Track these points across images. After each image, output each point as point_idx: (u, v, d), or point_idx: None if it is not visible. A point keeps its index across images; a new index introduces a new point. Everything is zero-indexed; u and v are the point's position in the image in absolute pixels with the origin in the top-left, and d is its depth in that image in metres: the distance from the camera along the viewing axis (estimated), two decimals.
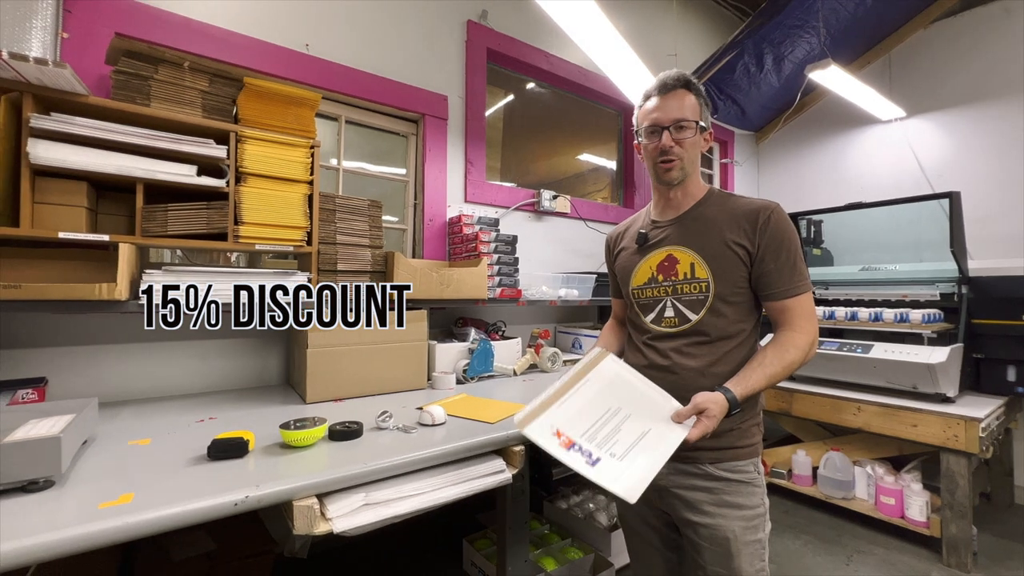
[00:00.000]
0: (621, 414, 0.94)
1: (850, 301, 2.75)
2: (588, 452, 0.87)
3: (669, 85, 1.00)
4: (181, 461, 0.94)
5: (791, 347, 0.95)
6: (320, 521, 0.85)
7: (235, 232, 1.39)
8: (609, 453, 0.87)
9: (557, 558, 1.66)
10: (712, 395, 0.90)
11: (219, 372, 1.66)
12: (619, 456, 0.87)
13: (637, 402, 0.96)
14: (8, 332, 1.36)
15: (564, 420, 0.92)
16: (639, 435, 0.91)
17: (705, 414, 0.88)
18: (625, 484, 0.83)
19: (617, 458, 0.87)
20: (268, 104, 1.49)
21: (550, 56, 2.66)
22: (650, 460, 0.86)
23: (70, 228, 1.20)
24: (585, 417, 0.93)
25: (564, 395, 0.96)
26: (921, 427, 2.08)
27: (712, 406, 0.88)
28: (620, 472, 0.85)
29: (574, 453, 0.87)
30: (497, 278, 2.01)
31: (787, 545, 2.22)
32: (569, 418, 0.93)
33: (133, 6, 1.53)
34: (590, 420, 0.93)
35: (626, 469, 0.85)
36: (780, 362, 0.94)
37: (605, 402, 0.96)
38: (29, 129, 1.13)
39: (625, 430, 0.92)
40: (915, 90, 3.21)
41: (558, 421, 0.92)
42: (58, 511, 0.73)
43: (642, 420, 0.93)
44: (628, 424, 0.93)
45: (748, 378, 0.93)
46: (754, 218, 0.97)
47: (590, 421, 0.93)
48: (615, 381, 1.00)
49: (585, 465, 0.85)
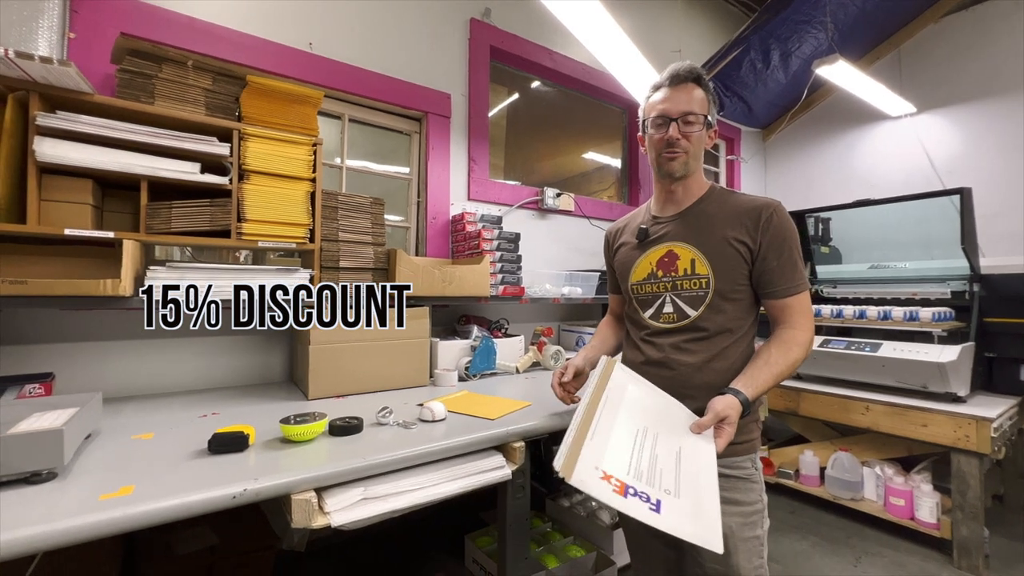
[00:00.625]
0: (650, 434, 0.89)
1: (858, 299, 2.71)
2: (645, 495, 0.78)
3: (680, 77, 0.99)
4: (182, 455, 0.95)
5: (794, 345, 0.95)
6: (318, 515, 0.85)
7: (238, 229, 1.40)
8: (664, 491, 0.79)
9: (559, 555, 1.66)
10: (728, 400, 0.88)
11: (223, 369, 1.67)
12: (674, 493, 0.79)
13: (657, 415, 0.93)
14: (16, 328, 1.38)
15: (603, 457, 0.82)
16: (676, 458, 0.85)
17: (726, 421, 0.87)
18: (702, 532, 0.75)
19: (673, 495, 0.79)
20: (271, 102, 1.50)
21: (554, 53, 2.66)
22: (708, 493, 0.80)
23: (76, 225, 1.22)
24: (621, 448, 0.85)
25: (591, 424, 0.87)
26: (931, 427, 2.05)
27: (732, 412, 0.87)
28: (685, 513, 0.77)
29: (632, 500, 0.77)
30: (500, 276, 2.00)
31: (793, 546, 2.20)
32: (607, 453, 0.83)
33: (138, 6, 1.55)
34: (627, 450, 0.85)
35: (690, 508, 0.77)
36: (785, 360, 0.93)
37: (631, 423, 0.90)
38: (35, 127, 1.15)
39: (662, 455, 0.85)
40: (926, 85, 3.16)
41: (599, 460, 0.81)
42: (60, 502, 0.74)
43: (669, 437, 0.88)
44: (660, 447, 0.87)
45: (756, 378, 0.91)
46: (756, 216, 0.97)
47: (627, 451, 0.85)
48: (631, 394, 0.97)
49: (649, 512, 0.75)
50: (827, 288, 2.90)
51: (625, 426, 0.88)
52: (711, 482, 0.82)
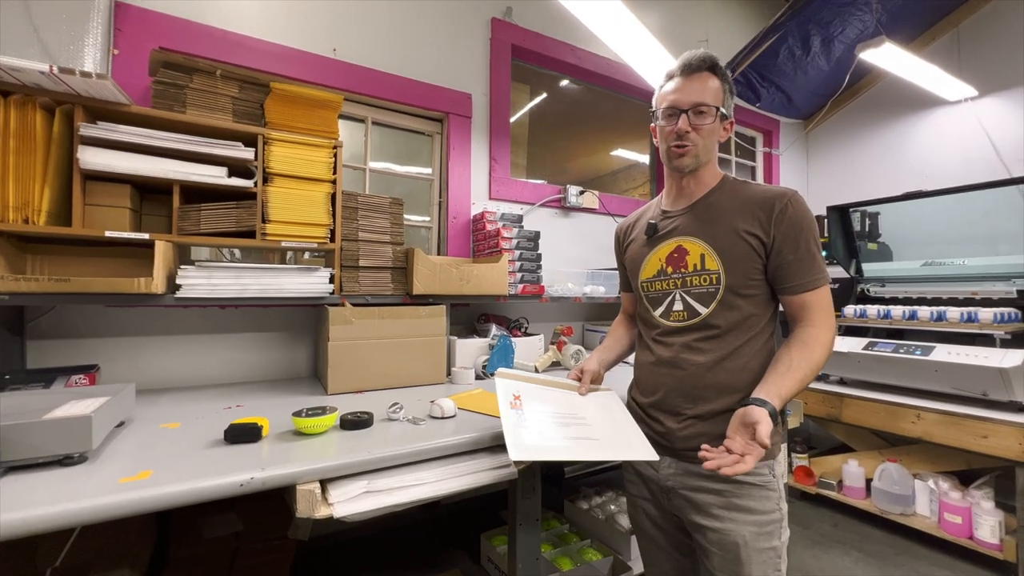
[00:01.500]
0: (583, 422, 0.99)
1: (909, 299, 2.52)
2: (525, 419, 0.95)
3: (693, 66, 0.95)
4: (202, 443, 1.00)
5: (816, 345, 0.88)
6: (321, 505, 0.87)
7: (262, 230, 1.46)
8: (538, 431, 0.93)
9: (574, 558, 1.62)
10: (756, 411, 0.79)
11: (252, 364, 1.75)
12: (544, 435, 0.92)
13: (608, 427, 0.99)
14: (67, 323, 1.49)
15: (531, 395, 1.03)
16: (582, 436, 0.94)
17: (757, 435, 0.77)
18: (520, 447, 0.87)
19: (539, 434, 0.92)
20: (293, 107, 1.55)
21: (577, 50, 2.62)
22: (565, 449, 0.91)
23: (116, 227, 1.31)
24: (552, 406, 1.02)
25: (550, 385, 1.09)
26: (992, 438, 1.87)
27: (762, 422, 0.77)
28: (526, 440, 0.89)
29: (513, 412, 0.95)
30: (519, 274, 1.99)
31: (835, 561, 2.07)
32: (538, 396, 1.03)
33: (174, 21, 1.65)
34: (554, 409, 1.01)
35: (535, 442, 0.89)
36: (808, 364, 0.86)
37: (585, 411, 1.04)
38: (79, 137, 1.24)
39: (574, 428, 0.97)
40: (988, 66, 2.89)
41: (525, 392, 1.03)
42: (85, 483, 0.79)
43: (595, 431, 0.97)
44: (580, 428, 0.97)
45: (779, 385, 0.84)
46: (769, 207, 0.91)
47: (553, 409, 1.01)
48: (604, 404, 1.08)
49: (513, 425, 0.91)
50: (874, 287, 2.71)
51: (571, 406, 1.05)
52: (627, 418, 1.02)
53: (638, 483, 1.07)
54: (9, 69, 1.10)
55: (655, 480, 1.01)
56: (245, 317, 1.75)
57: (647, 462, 1.01)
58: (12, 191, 1.18)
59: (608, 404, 1.09)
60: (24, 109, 1.20)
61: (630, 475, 1.10)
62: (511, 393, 1.02)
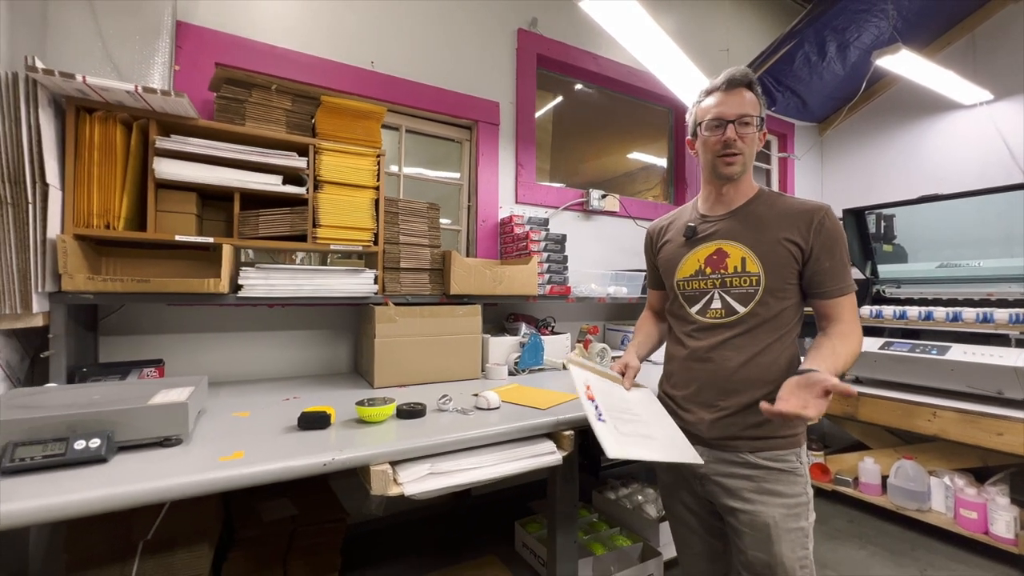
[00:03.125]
0: (640, 419, 1.06)
1: (925, 300, 2.57)
2: (600, 412, 1.01)
3: (735, 82, 1.03)
4: (277, 429, 1.10)
5: (854, 337, 0.97)
6: (392, 485, 0.97)
7: (313, 234, 1.57)
8: (615, 426, 0.99)
9: (606, 544, 1.71)
10: (817, 373, 0.85)
11: (298, 360, 1.86)
12: (621, 432, 0.98)
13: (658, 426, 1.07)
14: (133, 321, 1.61)
15: (598, 387, 1.09)
16: (645, 435, 1.01)
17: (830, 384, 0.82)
18: (613, 446, 0.92)
19: (619, 431, 0.98)
20: (341, 119, 1.66)
21: (598, 58, 2.71)
22: (644, 447, 0.96)
23: (184, 232, 1.42)
24: (611, 398, 1.08)
25: (605, 377, 1.16)
26: (1008, 436, 1.92)
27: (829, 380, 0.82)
28: (615, 437, 0.95)
29: (590, 404, 1.01)
30: (547, 276, 2.08)
31: (851, 555, 2.13)
32: (603, 390, 1.09)
33: (228, 39, 1.76)
34: (617, 403, 1.07)
35: (621, 438, 0.96)
36: (848, 352, 0.95)
37: (635, 407, 1.10)
38: (155, 149, 1.35)
39: (635, 424, 1.03)
40: (1004, 70, 2.93)
41: (594, 383, 1.09)
42: (188, 461, 0.89)
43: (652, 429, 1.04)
44: (639, 425, 1.04)
45: (829, 363, 0.90)
46: (808, 218, 1.00)
47: (613, 402, 1.07)
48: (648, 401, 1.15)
49: (594, 416, 0.98)
50: (890, 288, 2.76)
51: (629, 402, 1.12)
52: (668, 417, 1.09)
53: (671, 471, 1.16)
54: (99, 89, 1.21)
55: (688, 468, 1.09)
56: (291, 315, 1.86)
57: None
58: (96, 199, 1.30)
59: (649, 402, 1.16)
60: (106, 124, 1.31)
61: (662, 464, 1.18)
62: (583, 383, 1.08)
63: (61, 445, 0.84)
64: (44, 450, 0.83)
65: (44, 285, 1.19)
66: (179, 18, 1.65)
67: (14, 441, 0.82)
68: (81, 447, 0.84)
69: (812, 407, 0.82)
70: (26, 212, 1.15)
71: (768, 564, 0.96)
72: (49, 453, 0.82)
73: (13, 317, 1.14)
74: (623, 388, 1.16)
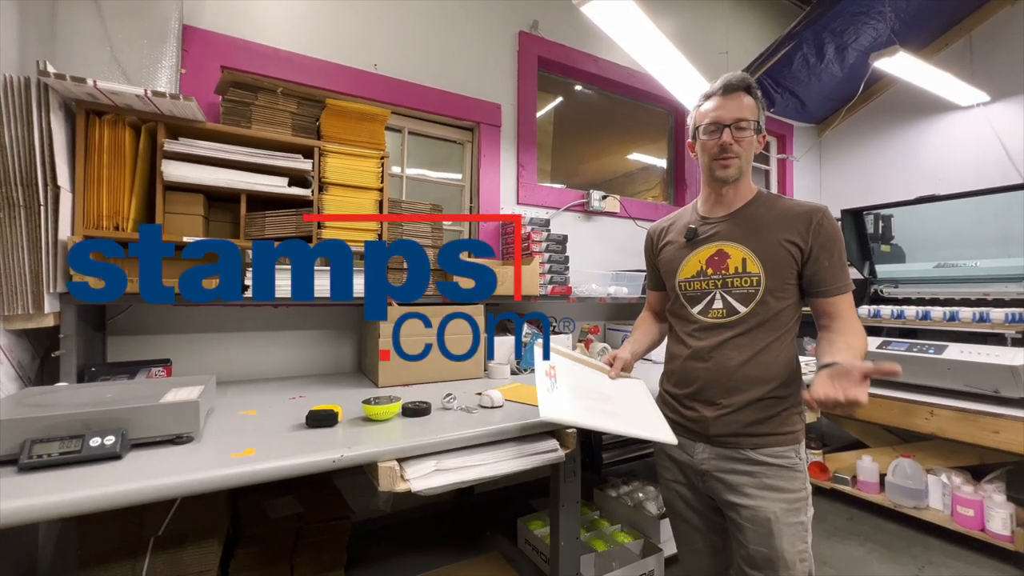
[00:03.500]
0: (608, 399, 1.10)
1: (922, 300, 2.60)
2: (557, 387, 1.07)
3: (732, 86, 1.06)
4: (285, 427, 1.12)
5: (860, 334, 1.00)
6: (399, 481, 0.99)
7: (318, 235, 1.59)
8: (566, 398, 1.05)
9: (607, 540, 1.73)
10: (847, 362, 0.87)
11: (302, 359, 1.88)
12: (568, 401, 1.04)
13: (631, 408, 1.10)
14: (140, 321, 1.63)
15: (566, 369, 1.17)
16: (605, 411, 1.05)
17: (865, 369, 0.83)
18: (551, 408, 0.98)
19: (565, 401, 1.04)
20: (345, 121, 1.68)
21: (599, 60, 2.73)
22: (590, 417, 1.01)
23: (191, 233, 1.44)
24: (582, 381, 1.15)
25: (585, 364, 1.22)
26: (1004, 434, 1.95)
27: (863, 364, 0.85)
28: (555, 404, 1.01)
29: (546, 379, 1.08)
30: (548, 276, 2.11)
31: (850, 552, 2.15)
32: (572, 372, 1.16)
33: (233, 42, 1.78)
34: (584, 384, 1.13)
35: (567, 407, 1.02)
36: (859, 344, 0.97)
37: (611, 392, 1.15)
38: (163, 152, 1.37)
39: (600, 403, 1.08)
40: (1000, 72, 2.96)
41: (561, 365, 1.17)
42: (201, 458, 0.91)
43: (618, 408, 1.08)
44: (604, 404, 1.08)
45: (847, 353, 0.91)
46: (807, 219, 1.03)
47: (583, 384, 1.13)
48: (630, 389, 1.19)
49: (544, 389, 1.04)
50: (888, 288, 2.79)
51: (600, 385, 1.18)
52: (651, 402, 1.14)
53: (672, 468, 1.18)
54: (109, 93, 1.23)
55: (690, 464, 1.11)
56: (295, 316, 1.88)
57: (681, 449, 1.11)
58: (106, 201, 1.32)
59: (635, 389, 1.19)
60: (115, 128, 1.33)
61: (664, 461, 1.20)
62: (548, 365, 1.16)
63: (77, 442, 0.86)
64: (61, 447, 0.85)
65: (56, 286, 1.20)
66: (185, 22, 1.67)
67: (31, 438, 0.84)
68: (96, 444, 0.86)
69: (855, 391, 0.82)
70: (38, 214, 1.17)
71: (769, 558, 0.98)
72: (66, 450, 0.84)
73: (26, 317, 1.16)
74: (606, 377, 1.21)
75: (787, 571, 0.98)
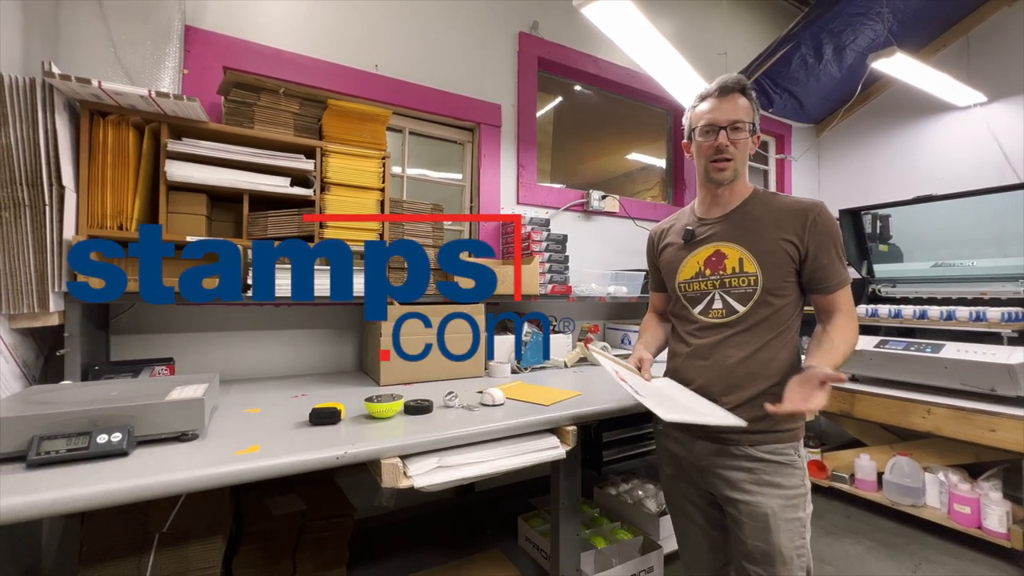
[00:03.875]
0: (672, 399, 1.07)
1: (920, 299, 2.61)
2: (637, 390, 1.06)
3: (728, 88, 1.07)
4: (288, 425, 1.13)
5: (851, 331, 1.02)
6: (402, 478, 1.00)
7: (320, 235, 1.60)
8: (655, 401, 1.03)
9: (607, 537, 1.75)
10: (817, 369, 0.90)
11: (304, 358, 1.89)
12: (659, 404, 1.02)
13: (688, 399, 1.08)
14: (143, 320, 1.64)
15: (624, 373, 1.14)
16: (686, 407, 1.03)
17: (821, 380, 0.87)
18: (665, 412, 0.96)
19: (657, 404, 1.02)
20: (347, 121, 1.69)
21: (599, 60, 2.74)
22: (691, 415, 0.99)
23: (194, 233, 1.45)
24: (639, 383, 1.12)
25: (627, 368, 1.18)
26: (1000, 432, 1.96)
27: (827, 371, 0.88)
28: (662, 404, 0.99)
29: (625, 385, 1.06)
30: (548, 275, 2.12)
31: (847, 549, 2.16)
32: (630, 376, 1.13)
33: (235, 42, 1.79)
34: (645, 386, 1.11)
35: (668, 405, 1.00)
36: (847, 344, 1.00)
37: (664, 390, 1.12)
38: (166, 152, 1.38)
39: (674, 402, 1.06)
40: (997, 72, 2.98)
41: (623, 373, 1.14)
42: (207, 455, 0.92)
43: (689, 403, 1.05)
44: (675, 403, 1.05)
45: (829, 358, 0.95)
46: (803, 217, 1.03)
47: (644, 386, 1.11)
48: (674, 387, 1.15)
49: (634, 393, 1.03)
50: (885, 287, 2.80)
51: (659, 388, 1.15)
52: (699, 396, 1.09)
53: (673, 464, 1.19)
54: (113, 93, 1.24)
55: (690, 460, 1.12)
56: (297, 315, 1.89)
57: (682, 446, 1.13)
58: (110, 201, 1.33)
59: (674, 386, 1.17)
60: (119, 128, 1.34)
61: (665, 457, 1.21)
62: (613, 369, 1.14)
63: (84, 439, 0.87)
64: (68, 444, 0.86)
65: (60, 285, 1.21)
66: (188, 23, 1.68)
67: (40, 435, 0.85)
68: (104, 441, 0.88)
69: (812, 400, 0.87)
70: (43, 214, 1.18)
71: (767, 553, 1.00)
72: (73, 447, 0.85)
73: (31, 316, 1.17)
74: (643, 378, 1.19)
75: (785, 566, 0.99)
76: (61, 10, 1.48)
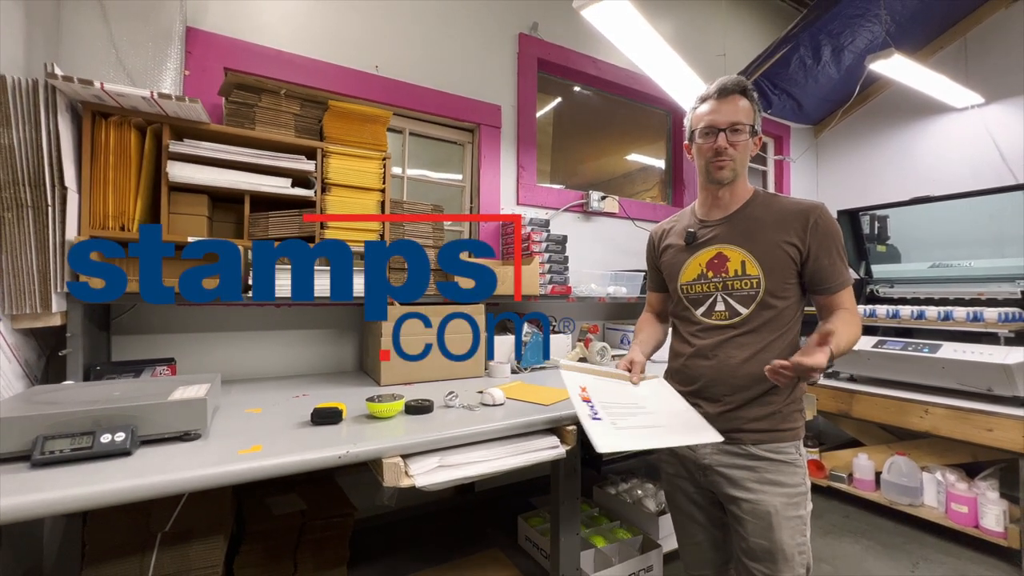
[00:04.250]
0: (645, 411, 1.06)
1: (917, 299, 2.63)
2: (596, 411, 1.01)
3: (728, 90, 1.07)
4: (290, 424, 1.14)
5: (855, 324, 1.02)
6: (403, 477, 1.01)
7: (321, 235, 1.60)
8: (611, 422, 0.99)
9: (607, 537, 1.75)
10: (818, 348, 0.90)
11: (304, 358, 1.90)
12: (618, 426, 0.98)
13: (667, 413, 1.07)
14: (144, 320, 1.64)
15: (594, 387, 1.10)
16: (649, 425, 1.01)
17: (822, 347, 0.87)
18: (601, 439, 0.91)
19: (615, 426, 0.98)
20: (348, 122, 1.69)
21: (598, 61, 2.75)
22: (642, 438, 0.97)
23: (196, 233, 1.46)
24: (613, 396, 1.08)
25: (608, 376, 1.14)
26: (997, 432, 1.98)
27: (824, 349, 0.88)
28: (607, 432, 0.95)
29: (584, 405, 1.03)
30: (548, 276, 2.12)
31: (846, 549, 2.17)
32: (599, 388, 1.10)
33: (236, 43, 1.79)
34: (615, 399, 1.07)
35: (615, 432, 0.96)
36: (850, 335, 0.99)
37: (643, 400, 1.10)
38: (168, 153, 1.39)
39: (640, 417, 1.03)
40: (994, 74, 2.99)
41: (589, 384, 1.10)
42: (209, 454, 0.93)
43: (659, 419, 1.04)
44: (645, 417, 1.04)
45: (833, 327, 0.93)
46: (804, 219, 1.04)
47: (615, 400, 1.07)
48: (656, 391, 1.15)
49: (586, 416, 0.99)
50: (883, 288, 2.81)
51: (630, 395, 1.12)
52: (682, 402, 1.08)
53: (674, 463, 1.20)
54: (115, 95, 1.24)
55: (692, 459, 1.13)
56: (297, 315, 1.89)
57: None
58: (111, 202, 1.33)
59: (660, 390, 1.17)
60: (121, 129, 1.34)
61: (666, 456, 1.22)
62: (578, 385, 1.09)
63: (88, 439, 0.87)
64: (72, 443, 0.86)
65: (62, 285, 1.22)
66: (189, 24, 1.68)
67: (44, 435, 0.86)
68: (107, 440, 0.88)
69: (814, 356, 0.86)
70: (46, 215, 1.18)
71: (768, 550, 1.00)
72: (77, 446, 0.86)
73: (33, 316, 1.18)
74: (630, 384, 1.17)
75: (786, 563, 1.00)
76: (63, 12, 1.49)
